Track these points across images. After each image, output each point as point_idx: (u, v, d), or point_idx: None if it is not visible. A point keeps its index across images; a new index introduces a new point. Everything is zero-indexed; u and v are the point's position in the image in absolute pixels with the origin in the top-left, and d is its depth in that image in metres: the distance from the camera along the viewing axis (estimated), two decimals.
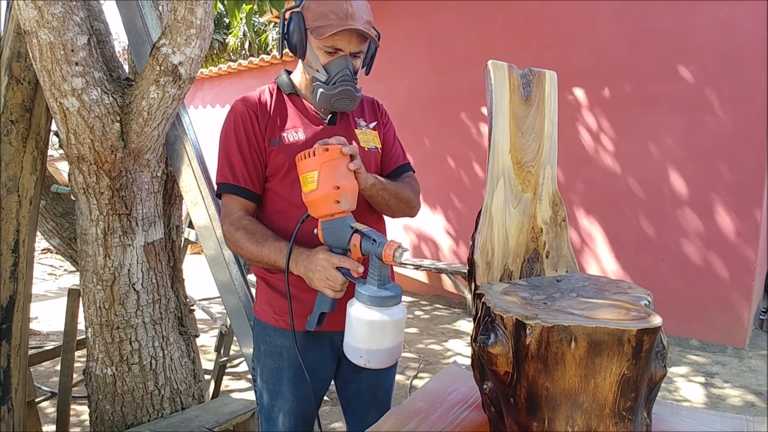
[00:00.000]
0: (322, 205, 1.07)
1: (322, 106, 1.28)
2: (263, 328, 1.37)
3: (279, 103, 1.32)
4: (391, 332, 1.03)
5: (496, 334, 0.90)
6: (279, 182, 1.29)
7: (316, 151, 1.07)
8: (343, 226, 1.07)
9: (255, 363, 1.41)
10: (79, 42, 1.64)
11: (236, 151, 1.27)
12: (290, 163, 1.23)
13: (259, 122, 1.28)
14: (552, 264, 1.20)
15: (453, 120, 5.00)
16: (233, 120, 1.29)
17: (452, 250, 5.18)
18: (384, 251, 0.99)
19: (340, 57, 1.23)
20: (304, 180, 1.08)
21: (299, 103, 1.34)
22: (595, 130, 4.26)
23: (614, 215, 4.22)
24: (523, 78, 1.15)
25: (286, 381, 1.34)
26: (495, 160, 1.10)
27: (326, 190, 1.05)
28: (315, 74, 1.25)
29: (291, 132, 1.29)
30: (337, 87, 1.23)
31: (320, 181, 1.05)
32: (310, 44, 1.24)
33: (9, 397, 1.82)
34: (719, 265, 3.78)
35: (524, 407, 0.88)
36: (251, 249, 1.20)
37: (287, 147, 1.27)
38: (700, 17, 3.73)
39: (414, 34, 5.21)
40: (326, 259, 1.09)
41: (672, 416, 1.16)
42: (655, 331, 0.80)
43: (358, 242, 1.04)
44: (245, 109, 1.29)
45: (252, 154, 1.27)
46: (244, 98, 1.32)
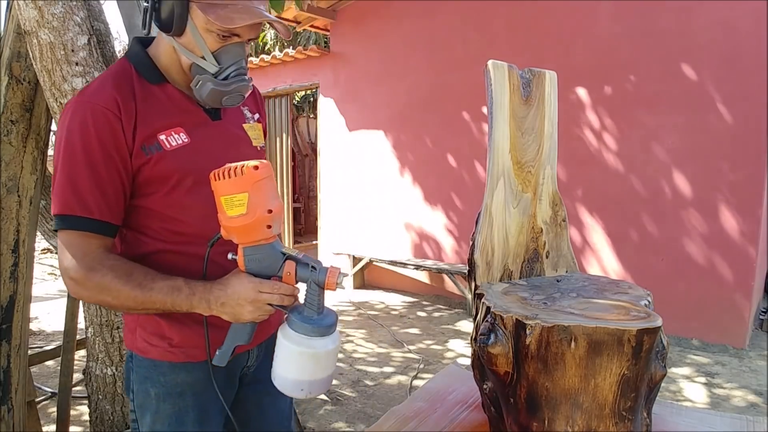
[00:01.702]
0: (252, 232, 0.91)
1: (208, 103, 1.02)
2: (153, 368, 1.07)
3: (144, 94, 1.00)
4: (333, 359, 0.97)
5: (496, 334, 0.90)
6: (163, 199, 1.01)
7: (243, 170, 0.88)
8: (273, 252, 0.93)
9: (140, 413, 1.09)
10: (79, 42, 1.64)
11: (85, 169, 0.92)
12: (179, 174, 1.00)
13: (123, 125, 0.95)
14: (552, 264, 1.20)
15: (453, 120, 5.00)
16: (80, 124, 0.93)
17: (453, 250, 5.18)
18: (327, 279, 0.91)
19: (234, 44, 0.98)
20: (227, 203, 0.89)
21: (172, 93, 1.04)
22: (595, 130, 4.26)
23: (614, 215, 4.22)
24: (523, 78, 1.15)
25: (190, 425, 1.08)
26: (495, 160, 1.10)
27: (259, 214, 0.89)
28: (199, 62, 0.97)
29: (172, 134, 1.00)
30: (232, 83, 0.99)
31: (251, 204, 0.88)
32: (193, 22, 0.95)
33: (9, 397, 1.82)
34: (719, 265, 3.78)
35: (524, 407, 0.88)
36: (131, 294, 0.92)
37: (171, 154, 0.99)
38: (700, 17, 3.73)
39: (414, 34, 5.21)
40: (254, 289, 0.91)
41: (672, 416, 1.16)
42: (655, 331, 0.80)
43: (293, 269, 0.93)
44: (98, 108, 0.94)
45: (111, 171, 0.94)
46: (92, 92, 0.96)
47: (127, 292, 0.92)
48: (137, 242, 1.03)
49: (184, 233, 1.03)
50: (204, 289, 0.94)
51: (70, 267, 0.93)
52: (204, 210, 1.01)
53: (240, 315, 0.93)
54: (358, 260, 5.63)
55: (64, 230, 0.94)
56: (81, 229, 0.93)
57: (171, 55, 1.02)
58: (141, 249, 1.03)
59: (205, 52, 0.97)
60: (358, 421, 2.74)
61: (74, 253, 0.93)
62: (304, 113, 9.56)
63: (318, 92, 6.18)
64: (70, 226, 0.93)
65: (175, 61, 1.02)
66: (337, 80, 5.91)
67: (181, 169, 1.00)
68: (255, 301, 0.91)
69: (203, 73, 0.98)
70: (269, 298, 0.91)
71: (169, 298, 0.93)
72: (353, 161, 5.87)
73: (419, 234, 5.41)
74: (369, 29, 5.57)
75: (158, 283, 0.93)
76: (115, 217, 0.97)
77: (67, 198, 0.93)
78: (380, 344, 3.95)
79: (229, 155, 1.02)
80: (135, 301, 0.93)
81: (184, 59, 0.99)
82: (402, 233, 5.54)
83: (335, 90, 5.95)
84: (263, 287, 0.91)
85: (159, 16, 0.97)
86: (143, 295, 0.92)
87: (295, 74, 6.28)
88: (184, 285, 0.94)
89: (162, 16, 0.96)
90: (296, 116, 9.14)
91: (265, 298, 0.91)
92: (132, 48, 1.06)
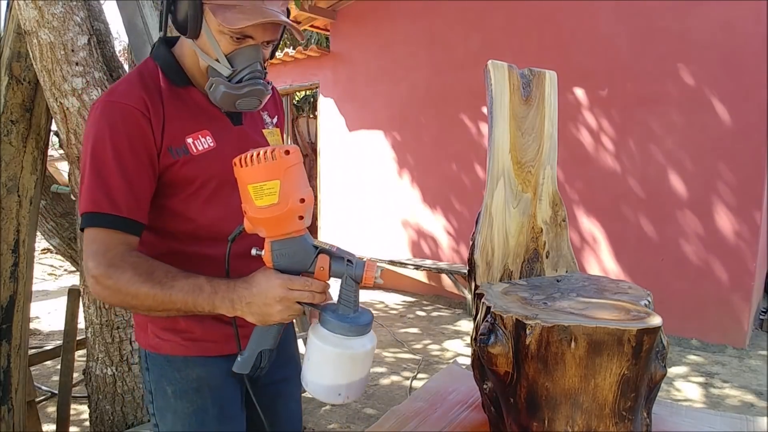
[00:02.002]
0: (284, 223, 0.83)
1: (222, 106, 0.99)
2: (167, 364, 1.04)
3: (172, 97, 0.99)
4: (371, 359, 0.89)
5: (496, 334, 0.90)
6: (184, 201, 1.00)
7: (275, 154, 0.81)
8: (305, 246, 0.86)
9: (159, 416, 1.06)
10: (79, 42, 1.64)
11: (115, 167, 0.91)
12: (203, 178, 0.99)
13: (152, 126, 0.94)
14: (552, 264, 1.20)
15: (453, 120, 5.00)
16: (110, 123, 0.92)
17: (452, 250, 5.18)
18: (365, 273, 0.84)
19: (249, 46, 0.95)
20: (255, 191, 0.81)
21: (197, 96, 1.03)
22: (595, 130, 4.26)
23: (614, 215, 4.22)
24: (523, 78, 1.15)
25: (212, 423, 1.05)
26: (495, 160, 1.10)
27: (291, 204, 0.82)
28: (214, 64, 0.96)
29: (199, 138, 0.99)
30: (245, 86, 0.96)
31: (283, 192, 0.81)
32: (208, 24, 0.93)
33: (9, 397, 1.82)
34: (719, 265, 3.78)
35: (524, 407, 0.88)
36: (151, 293, 0.87)
37: (197, 158, 0.98)
38: (700, 17, 3.73)
39: (414, 34, 5.22)
40: (284, 286, 0.84)
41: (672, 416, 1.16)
42: (655, 331, 0.80)
43: (327, 264, 0.85)
44: (129, 108, 0.93)
45: (140, 170, 0.94)
46: (122, 92, 0.95)
47: (146, 290, 0.87)
48: (152, 241, 1.02)
49: (199, 235, 1.02)
50: (227, 288, 0.88)
51: (91, 264, 0.89)
52: (222, 213, 1.01)
53: (268, 316, 0.86)
54: None
55: (90, 228, 0.91)
56: (107, 226, 0.91)
57: (193, 57, 1.00)
58: (156, 248, 1.01)
59: (219, 54, 0.95)
60: (357, 421, 2.74)
61: (97, 249, 0.89)
62: (304, 113, 9.56)
63: (318, 92, 6.18)
64: (96, 224, 0.91)
65: (197, 63, 1.00)
66: (337, 80, 5.91)
67: (205, 173, 0.99)
68: (284, 299, 0.84)
69: (217, 75, 0.96)
70: (300, 296, 0.84)
71: (191, 297, 0.87)
72: (353, 161, 5.87)
73: (419, 234, 5.41)
74: (369, 29, 5.57)
75: (179, 281, 0.88)
76: (143, 216, 0.96)
77: (96, 196, 0.91)
78: (379, 344, 3.95)
79: None
80: (155, 300, 0.88)
81: (202, 62, 0.98)
82: (402, 233, 5.54)
83: (335, 90, 5.95)
84: (294, 284, 0.84)
85: (175, 18, 0.96)
86: (163, 293, 0.87)
87: (295, 74, 6.28)
88: (206, 283, 0.88)
89: (178, 18, 0.95)
90: (296, 116, 9.14)
91: (295, 296, 0.84)
92: (158, 49, 1.04)
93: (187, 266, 0.95)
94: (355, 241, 5.90)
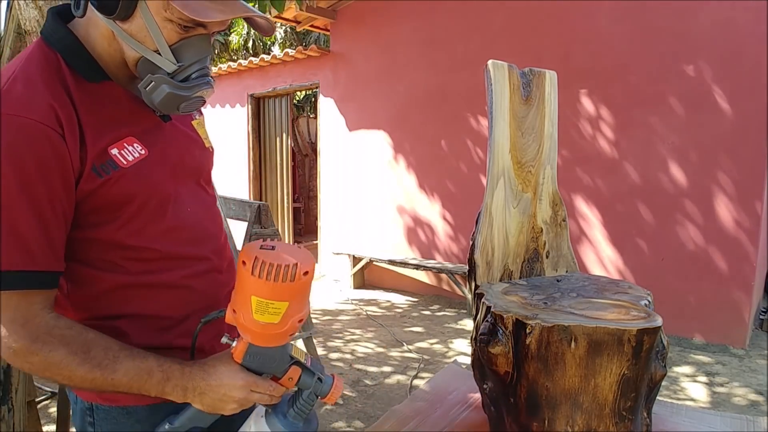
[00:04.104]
0: (274, 340, 0.78)
1: (160, 109, 0.80)
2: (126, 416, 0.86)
3: (84, 98, 0.76)
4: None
5: (497, 334, 0.90)
6: (123, 227, 0.79)
7: (295, 275, 0.71)
8: (282, 355, 0.81)
9: None
10: None
11: (26, 207, 0.70)
12: (142, 196, 0.80)
13: (68, 145, 0.72)
14: (552, 264, 1.20)
15: (453, 120, 5.00)
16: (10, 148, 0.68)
17: (453, 250, 5.18)
18: (331, 393, 0.82)
19: (198, 36, 0.77)
20: (260, 306, 0.73)
21: (116, 94, 0.81)
22: (595, 129, 4.26)
23: (614, 215, 4.22)
24: (523, 78, 1.15)
25: None
26: (495, 159, 1.10)
27: (290, 325, 0.76)
28: (152, 57, 0.76)
29: (125, 146, 0.78)
30: (194, 87, 0.79)
31: (287, 315, 0.74)
32: (147, 5, 0.73)
33: (9, 397, 1.82)
34: (719, 265, 3.78)
35: (524, 407, 0.88)
36: (89, 377, 0.73)
37: (129, 172, 0.78)
38: (700, 17, 3.73)
39: (414, 34, 5.22)
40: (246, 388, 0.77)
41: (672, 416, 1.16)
42: (655, 331, 0.80)
43: (297, 376, 0.82)
44: (32, 125, 0.70)
45: (54, 206, 0.72)
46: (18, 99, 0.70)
47: (83, 373, 0.73)
48: (91, 279, 0.81)
49: (151, 260, 0.83)
50: (181, 375, 0.77)
51: (7, 336, 0.70)
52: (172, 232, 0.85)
53: (220, 409, 0.79)
54: (358, 260, 5.63)
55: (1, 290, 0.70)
56: (21, 287, 0.71)
57: (110, 44, 0.78)
58: (97, 286, 0.81)
59: (161, 45, 0.75)
60: (358, 421, 2.74)
61: (13, 317, 0.71)
62: (304, 113, 9.57)
63: (318, 92, 6.18)
64: (8, 285, 0.70)
65: (116, 52, 0.79)
66: (337, 80, 5.91)
67: (143, 189, 0.80)
68: (243, 400, 0.78)
69: (156, 72, 0.77)
70: (259, 398, 0.79)
71: (136, 383, 0.75)
72: (353, 161, 5.87)
73: (419, 234, 5.41)
74: (369, 29, 5.57)
75: (124, 363, 0.74)
76: (60, 263, 0.76)
77: (7, 250, 0.69)
78: (380, 344, 3.95)
79: (185, 163, 0.88)
80: (93, 384, 0.74)
81: (131, 51, 0.77)
82: (402, 233, 5.54)
83: (335, 90, 5.95)
84: (258, 387, 0.78)
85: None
86: (104, 377, 0.73)
87: (295, 74, 6.28)
88: (156, 368, 0.76)
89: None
90: (296, 116, 9.14)
91: (255, 398, 0.79)
92: (52, 28, 0.78)
93: (143, 299, 0.83)
94: (355, 241, 5.90)
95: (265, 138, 6.99)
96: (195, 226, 0.88)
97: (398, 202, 5.53)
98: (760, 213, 3.61)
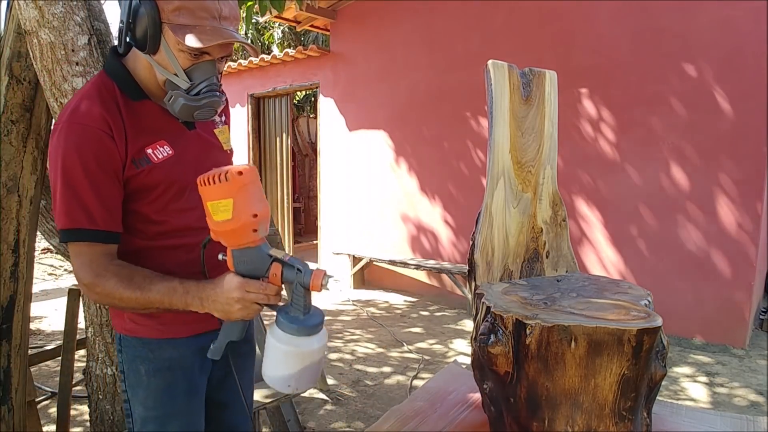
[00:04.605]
0: (238, 236, 0.95)
1: (181, 117, 1.08)
2: (142, 346, 1.16)
3: (129, 111, 1.07)
4: (319, 356, 1.00)
5: (496, 334, 0.90)
6: (149, 204, 1.10)
7: (228, 175, 0.92)
8: (261, 255, 0.97)
9: (131, 392, 1.18)
10: (79, 42, 1.64)
11: (88, 186, 1.00)
12: (166, 183, 1.10)
13: (116, 143, 1.03)
14: (552, 264, 1.20)
15: (453, 120, 5.00)
16: (76, 144, 1.00)
17: (453, 250, 5.18)
18: (312, 281, 0.94)
19: (206, 62, 1.04)
20: (213, 208, 0.94)
21: (152, 108, 1.11)
22: (595, 129, 4.26)
23: (614, 215, 4.22)
24: (523, 78, 1.15)
25: (180, 396, 1.18)
26: (495, 159, 1.10)
27: (244, 220, 0.93)
28: (173, 78, 1.04)
29: (157, 147, 1.09)
30: (203, 99, 1.05)
31: (236, 210, 0.92)
32: (166, 41, 1.00)
33: (9, 397, 1.83)
34: (719, 265, 3.78)
35: (524, 407, 0.88)
36: (133, 297, 1.01)
37: (159, 166, 1.09)
38: (700, 17, 3.72)
39: (414, 34, 5.21)
40: (241, 288, 0.96)
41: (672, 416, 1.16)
42: (655, 331, 0.80)
43: (279, 271, 0.96)
44: (93, 128, 1.01)
45: (109, 185, 1.03)
46: (83, 113, 1.02)
47: (129, 294, 1.01)
48: (126, 241, 1.11)
49: (167, 231, 1.13)
50: (197, 288, 1.01)
51: (81, 275, 1.03)
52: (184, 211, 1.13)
53: (229, 313, 0.98)
54: (358, 260, 5.63)
55: (74, 243, 1.03)
56: (88, 240, 1.02)
57: (148, 71, 1.08)
58: (130, 246, 1.11)
59: (178, 69, 1.03)
60: (358, 421, 2.74)
61: (83, 261, 1.03)
62: (304, 113, 9.56)
63: (318, 92, 6.18)
64: (78, 238, 1.02)
65: (153, 76, 1.08)
66: (337, 80, 5.91)
67: (167, 179, 1.10)
68: (242, 300, 0.96)
69: (176, 88, 1.04)
70: (256, 297, 0.97)
71: (166, 298, 1.01)
72: (353, 161, 5.87)
73: (419, 234, 5.41)
74: (369, 29, 5.57)
75: (156, 284, 1.01)
76: (117, 225, 1.06)
77: (75, 213, 1.01)
78: (380, 344, 3.95)
79: (206, 162, 1.15)
80: (137, 303, 1.02)
81: (159, 75, 1.06)
82: (402, 233, 5.54)
83: (335, 90, 5.95)
84: (250, 287, 0.96)
85: (134, 36, 1.02)
86: (143, 296, 1.01)
87: (295, 74, 6.28)
88: (179, 285, 1.01)
89: (137, 35, 1.02)
90: (296, 116, 9.14)
91: (251, 297, 0.96)
92: (111, 63, 1.11)
93: (156, 258, 1.11)
94: (355, 241, 5.90)
95: (265, 138, 6.99)
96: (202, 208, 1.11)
97: (398, 202, 5.52)
98: (761, 213, 3.61)
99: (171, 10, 0.99)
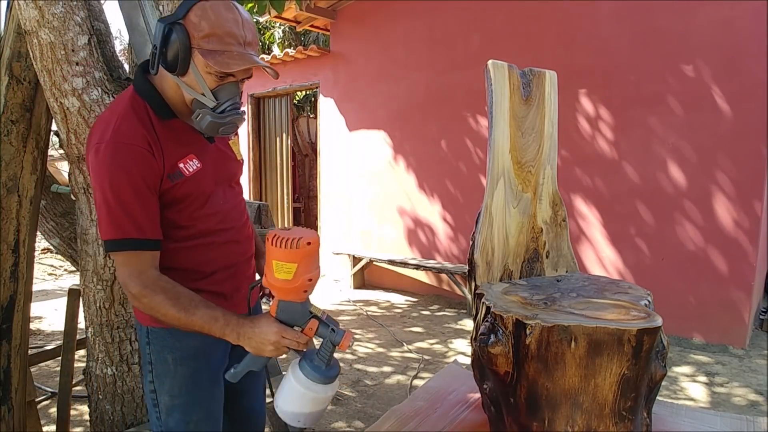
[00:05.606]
0: (291, 294, 1.07)
1: (207, 132, 1.19)
2: (169, 336, 1.26)
3: (162, 129, 1.18)
4: (328, 401, 1.13)
5: (496, 334, 0.90)
6: (179, 212, 1.20)
7: (299, 243, 1.02)
8: (303, 310, 1.10)
9: (158, 382, 1.28)
10: (79, 42, 1.64)
11: (135, 200, 1.11)
12: (195, 194, 1.20)
13: (155, 159, 1.13)
14: (552, 264, 1.20)
15: (453, 120, 5.00)
16: (123, 163, 1.09)
17: (453, 250, 5.18)
18: (342, 341, 1.08)
19: (230, 83, 1.15)
20: (277, 267, 1.05)
21: (180, 126, 1.22)
22: (595, 129, 4.26)
23: (614, 215, 4.22)
24: (523, 78, 1.15)
25: (205, 383, 1.29)
26: (495, 160, 1.10)
27: (300, 282, 1.05)
28: (200, 98, 1.14)
29: (188, 161, 1.20)
30: (227, 116, 1.15)
31: (297, 273, 1.04)
32: (195, 64, 1.11)
33: (9, 397, 1.83)
34: (719, 265, 3.78)
35: (524, 407, 0.88)
36: (177, 316, 1.10)
37: (190, 179, 1.19)
38: (699, 17, 3.73)
39: (414, 34, 5.21)
40: (279, 334, 1.08)
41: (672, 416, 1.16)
42: (655, 331, 0.80)
43: (315, 327, 1.09)
44: (136, 147, 1.11)
45: (152, 198, 1.14)
46: (126, 132, 1.12)
47: (174, 313, 1.09)
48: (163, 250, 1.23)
49: (193, 234, 1.23)
50: (237, 324, 1.10)
51: (129, 284, 1.11)
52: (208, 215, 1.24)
53: (261, 351, 1.10)
54: (358, 260, 5.63)
55: (121, 252, 1.11)
56: (137, 248, 1.11)
57: (177, 91, 1.17)
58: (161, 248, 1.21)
59: (205, 89, 1.12)
60: (358, 421, 2.74)
61: (131, 271, 1.11)
62: (304, 113, 9.56)
63: (318, 92, 6.18)
64: (126, 248, 1.11)
65: (179, 95, 1.17)
66: (337, 80, 5.91)
67: (197, 190, 1.21)
68: (276, 343, 1.08)
69: (203, 107, 1.14)
70: (289, 343, 1.08)
71: (207, 325, 1.10)
72: (353, 161, 5.87)
73: (419, 234, 5.41)
74: (369, 29, 5.57)
75: (200, 310, 1.10)
76: (159, 233, 1.17)
77: (123, 225, 1.10)
78: (380, 344, 3.95)
79: (222, 171, 1.29)
80: (179, 322, 1.11)
81: (187, 95, 1.15)
82: (402, 233, 5.54)
83: (335, 90, 5.95)
84: (287, 334, 1.08)
85: (165, 59, 1.12)
86: (186, 318, 1.10)
87: (295, 74, 6.28)
88: (221, 316, 1.10)
89: (168, 59, 1.12)
90: (296, 116, 9.13)
91: (286, 343, 1.08)
92: (141, 83, 1.20)
93: (183, 257, 1.22)
94: (355, 241, 5.89)
95: (265, 138, 6.99)
96: (224, 213, 1.27)
97: (398, 202, 5.52)
98: (760, 213, 3.61)
99: (201, 36, 1.08)
